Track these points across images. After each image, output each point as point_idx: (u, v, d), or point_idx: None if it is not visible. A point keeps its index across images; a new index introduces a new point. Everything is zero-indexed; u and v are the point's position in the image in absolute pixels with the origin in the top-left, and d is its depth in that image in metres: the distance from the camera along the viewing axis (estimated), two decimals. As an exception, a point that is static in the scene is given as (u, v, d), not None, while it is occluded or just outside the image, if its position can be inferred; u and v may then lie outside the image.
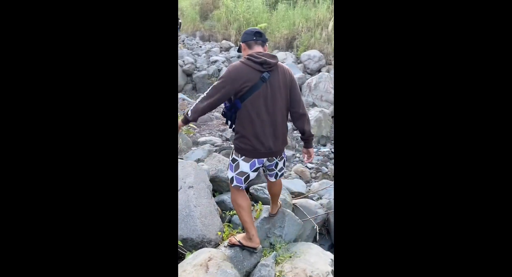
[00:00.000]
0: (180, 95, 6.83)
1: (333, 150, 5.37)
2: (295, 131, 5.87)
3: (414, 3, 1.05)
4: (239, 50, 2.05)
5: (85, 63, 1.07)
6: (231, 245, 2.09)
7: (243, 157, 1.89)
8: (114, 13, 1.10)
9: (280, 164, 2.04)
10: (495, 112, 0.97)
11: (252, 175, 1.93)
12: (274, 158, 1.94)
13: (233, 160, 1.96)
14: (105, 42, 1.09)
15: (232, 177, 1.96)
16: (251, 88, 1.76)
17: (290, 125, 5.99)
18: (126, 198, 1.08)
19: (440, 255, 0.99)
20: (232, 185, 1.99)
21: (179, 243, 2.03)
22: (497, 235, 0.95)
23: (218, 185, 2.84)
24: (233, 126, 1.96)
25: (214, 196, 2.83)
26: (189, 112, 1.87)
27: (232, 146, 2.08)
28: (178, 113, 4.96)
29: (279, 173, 2.09)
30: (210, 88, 1.84)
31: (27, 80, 1.02)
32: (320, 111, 6.03)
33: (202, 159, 4.25)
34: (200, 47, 10.04)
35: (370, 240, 1.06)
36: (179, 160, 2.66)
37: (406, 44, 1.05)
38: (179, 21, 12.93)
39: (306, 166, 4.84)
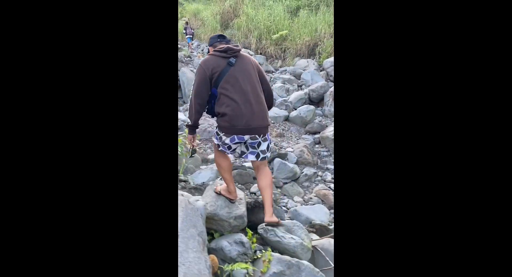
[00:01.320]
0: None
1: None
2: (317, 145, 5.18)
3: (411, 6, 1.05)
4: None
5: (83, 67, 1.06)
6: (216, 193, 2.34)
7: (223, 133, 2.01)
8: (113, 16, 1.09)
9: (263, 145, 2.11)
10: (495, 112, 0.97)
11: (234, 146, 2.09)
12: (256, 136, 2.01)
13: (217, 134, 2.10)
14: (103, 47, 1.08)
15: (217, 144, 2.14)
16: (221, 73, 1.92)
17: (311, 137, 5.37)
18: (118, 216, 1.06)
19: (443, 263, 0.97)
20: (218, 149, 2.17)
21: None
22: (497, 235, 0.94)
23: (218, 225, 2.21)
24: (212, 112, 2.08)
25: (211, 240, 2.20)
26: (188, 120, 2.08)
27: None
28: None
29: (261, 155, 2.13)
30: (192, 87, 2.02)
31: (26, 80, 1.01)
32: (345, 123, 5.31)
33: (208, 183, 3.64)
34: (219, 56, 9.52)
35: (373, 248, 1.04)
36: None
37: (407, 46, 1.05)
38: (190, 29, 12.71)
39: (330, 187, 4.12)
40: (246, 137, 1.99)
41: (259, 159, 2.15)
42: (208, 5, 14.36)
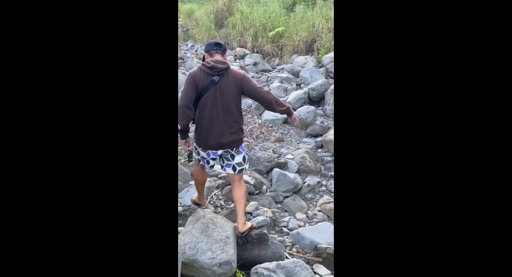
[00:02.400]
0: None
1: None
2: (319, 149, 4.64)
3: (411, 6, 1.03)
4: (203, 60, 2.15)
5: (82, 67, 1.05)
6: (192, 202, 2.62)
7: (200, 148, 2.13)
8: (112, 17, 1.08)
9: (238, 158, 2.16)
10: (495, 114, 0.95)
11: (212, 162, 2.19)
12: (229, 150, 2.10)
13: (195, 148, 2.20)
14: (103, 49, 1.06)
15: (198, 158, 2.23)
16: (204, 89, 1.97)
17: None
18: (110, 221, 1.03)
19: (443, 264, 0.95)
20: (199, 163, 2.26)
21: None
22: (497, 237, 0.93)
23: (199, 273, 1.68)
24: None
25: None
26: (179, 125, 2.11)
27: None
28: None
29: (238, 167, 2.18)
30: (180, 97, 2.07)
31: (24, 81, 1.00)
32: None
33: (194, 207, 3.11)
34: (213, 56, 8.96)
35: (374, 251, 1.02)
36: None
37: (407, 46, 1.03)
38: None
39: (336, 199, 3.58)
40: (220, 151, 2.11)
41: (236, 172, 2.21)
42: (202, 4, 13.79)
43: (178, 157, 4.06)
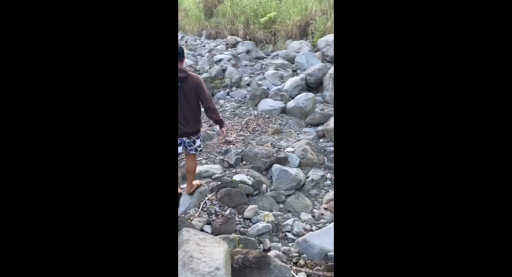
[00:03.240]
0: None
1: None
2: (321, 139, 4.22)
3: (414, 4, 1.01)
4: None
5: (81, 68, 1.04)
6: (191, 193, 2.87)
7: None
8: (111, 18, 1.06)
9: (198, 142, 2.62)
10: (495, 113, 0.94)
11: (179, 148, 2.56)
12: (191, 136, 2.57)
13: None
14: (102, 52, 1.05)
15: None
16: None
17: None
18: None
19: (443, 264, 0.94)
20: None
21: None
22: (497, 236, 0.91)
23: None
24: None
25: None
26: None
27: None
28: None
29: (198, 149, 2.67)
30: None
31: (24, 80, 0.99)
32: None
33: (188, 210, 2.70)
34: (204, 46, 8.46)
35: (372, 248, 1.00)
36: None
37: (407, 43, 1.01)
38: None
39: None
40: (185, 138, 2.54)
41: (197, 152, 2.72)
42: (190, -6, 13.13)
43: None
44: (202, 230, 2.46)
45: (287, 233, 2.57)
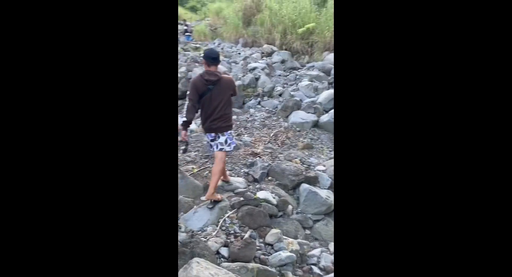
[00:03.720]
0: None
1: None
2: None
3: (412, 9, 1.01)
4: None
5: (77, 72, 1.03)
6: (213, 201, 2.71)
7: (204, 132, 2.79)
8: (112, 19, 1.06)
9: (221, 139, 2.66)
10: (495, 113, 0.93)
11: (212, 143, 2.70)
12: (218, 134, 2.65)
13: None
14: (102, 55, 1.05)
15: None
16: (202, 94, 2.58)
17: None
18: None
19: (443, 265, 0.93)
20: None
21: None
22: (497, 237, 0.91)
23: None
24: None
25: None
26: (184, 115, 2.63)
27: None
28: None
29: (219, 146, 2.67)
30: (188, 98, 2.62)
31: (23, 81, 0.99)
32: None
33: (205, 227, 2.44)
34: (239, 54, 8.33)
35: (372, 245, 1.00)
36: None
37: (407, 44, 1.00)
38: (188, 26, 13.00)
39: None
40: (213, 134, 2.67)
41: (217, 149, 2.70)
42: (230, 2, 13.21)
43: (191, 167, 3.44)
44: (218, 252, 2.19)
45: (312, 267, 2.23)
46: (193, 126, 4.84)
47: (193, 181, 2.98)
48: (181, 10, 20.41)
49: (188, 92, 2.62)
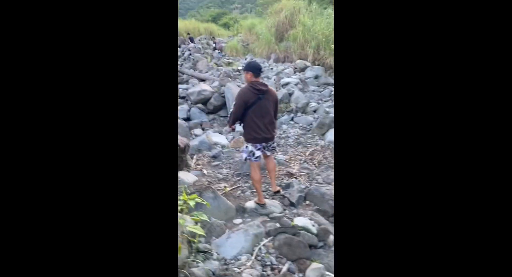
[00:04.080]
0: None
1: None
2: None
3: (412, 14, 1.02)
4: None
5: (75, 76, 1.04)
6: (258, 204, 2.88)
7: (250, 143, 2.79)
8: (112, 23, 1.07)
9: (273, 145, 2.91)
10: (495, 113, 0.93)
11: (257, 153, 2.78)
12: (269, 142, 2.83)
13: (246, 147, 2.83)
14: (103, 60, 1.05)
15: (245, 157, 2.84)
16: (252, 104, 2.68)
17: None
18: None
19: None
20: (247, 161, 2.92)
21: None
22: (498, 238, 0.91)
23: None
24: (242, 125, 2.82)
25: None
26: (228, 120, 2.86)
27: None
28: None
29: (272, 150, 2.95)
30: (233, 106, 2.76)
31: (23, 82, 0.99)
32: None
33: (239, 256, 2.21)
34: (272, 69, 8.21)
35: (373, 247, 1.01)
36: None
37: (407, 45, 1.01)
38: (217, 43, 13.73)
39: None
40: (263, 144, 2.80)
41: (272, 152, 3.00)
42: (263, 19, 13.32)
43: (223, 185, 3.26)
44: (253, 287, 1.94)
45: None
46: (224, 141, 4.71)
47: (225, 202, 2.78)
48: (214, 27, 20.96)
49: (234, 102, 2.72)
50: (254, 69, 2.70)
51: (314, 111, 5.50)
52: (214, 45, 13.91)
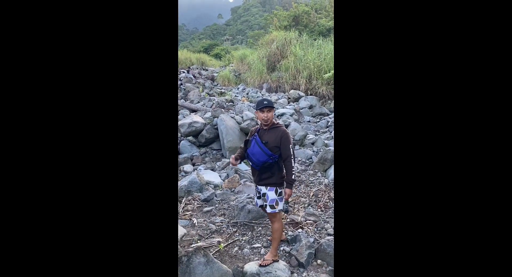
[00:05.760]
0: (243, 165, 4.47)
1: None
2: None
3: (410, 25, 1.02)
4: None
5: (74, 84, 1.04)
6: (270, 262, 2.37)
7: (282, 189, 2.35)
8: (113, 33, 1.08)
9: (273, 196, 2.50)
10: (495, 113, 0.91)
11: (258, 201, 2.49)
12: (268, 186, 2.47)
13: (280, 194, 2.34)
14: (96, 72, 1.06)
15: (285, 207, 2.36)
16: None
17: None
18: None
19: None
20: (276, 211, 2.35)
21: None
22: (498, 241, 0.88)
23: None
24: (275, 173, 2.36)
25: None
26: (293, 177, 2.31)
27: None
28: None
29: (276, 207, 2.44)
30: (291, 150, 2.30)
31: (24, 84, 0.98)
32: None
33: None
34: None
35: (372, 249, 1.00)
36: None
37: (407, 45, 0.99)
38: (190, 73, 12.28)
39: None
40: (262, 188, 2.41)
41: (277, 211, 2.42)
42: (254, 50, 13.24)
43: (217, 240, 2.66)
44: None
45: None
46: (217, 180, 4.15)
47: (219, 268, 2.18)
48: (205, 57, 20.94)
49: (291, 146, 2.31)
50: (258, 106, 2.30)
51: (313, 144, 5.04)
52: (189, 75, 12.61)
